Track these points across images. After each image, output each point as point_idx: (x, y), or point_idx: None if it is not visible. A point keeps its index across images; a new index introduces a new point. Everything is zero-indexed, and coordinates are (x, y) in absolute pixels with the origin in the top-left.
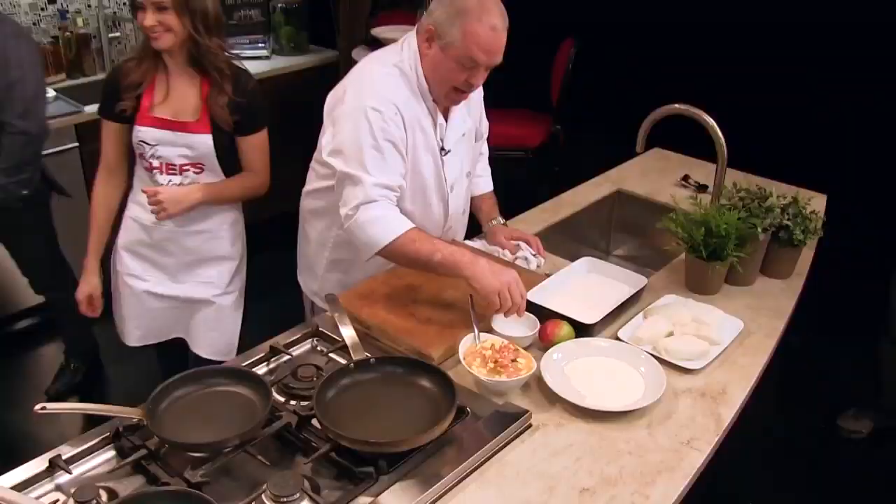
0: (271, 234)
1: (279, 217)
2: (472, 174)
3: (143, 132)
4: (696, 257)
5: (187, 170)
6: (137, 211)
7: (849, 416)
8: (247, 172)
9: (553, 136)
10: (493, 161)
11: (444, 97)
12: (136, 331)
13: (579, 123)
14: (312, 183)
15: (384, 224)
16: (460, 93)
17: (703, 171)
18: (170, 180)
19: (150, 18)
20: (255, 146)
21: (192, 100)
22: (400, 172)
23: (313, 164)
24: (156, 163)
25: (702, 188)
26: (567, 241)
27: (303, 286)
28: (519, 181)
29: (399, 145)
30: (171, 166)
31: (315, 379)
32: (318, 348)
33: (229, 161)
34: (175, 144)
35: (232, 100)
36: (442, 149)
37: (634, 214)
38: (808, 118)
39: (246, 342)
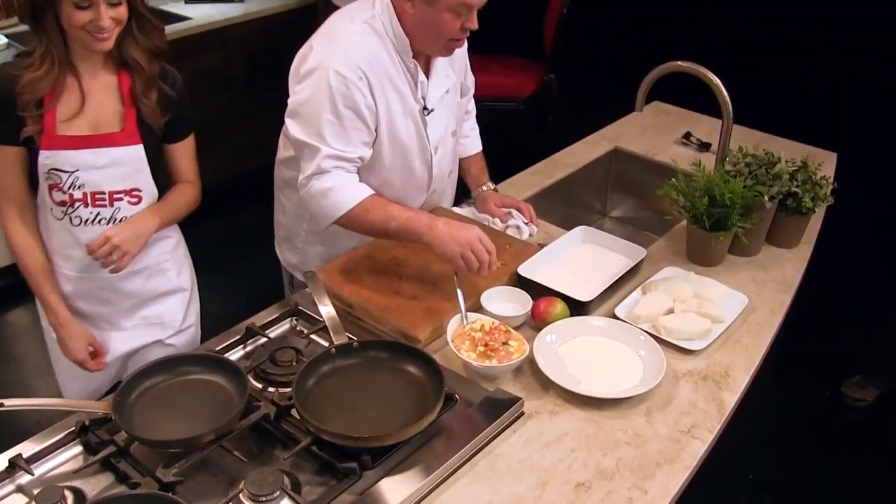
0: (245, 192)
1: (251, 174)
2: (459, 133)
3: (54, 157)
4: (699, 228)
5: (120, 199)
6: (56, 260)
7: (853, 384)
8: (185, 185)
9: (546, 85)
10: (481, 112)
11: (439, 50)
12: (75, 393)
13: (574, 72)
14: (287, 150)
15: (335, 196)
16: (456, 41)
17: (705, 128)
18: (97, 213)
19: (105, 17)
20: (187, 152)
21: (113, 103)
22: (362, 141)
23: (285, 128)
24: (78, 194)
25: (704, 146)
26: (561, 203)
27: (281, 258)
28: (509, 134)
29: (363, 111)
30: (98, 196)
31: (294, 364)
32: (298, 328)
33: (159, 176)
34: (96, 166)
35: (163, 92)
36: (424, 108)
37: (632, 174)
38: (816, 68)
39: (221, 316)
